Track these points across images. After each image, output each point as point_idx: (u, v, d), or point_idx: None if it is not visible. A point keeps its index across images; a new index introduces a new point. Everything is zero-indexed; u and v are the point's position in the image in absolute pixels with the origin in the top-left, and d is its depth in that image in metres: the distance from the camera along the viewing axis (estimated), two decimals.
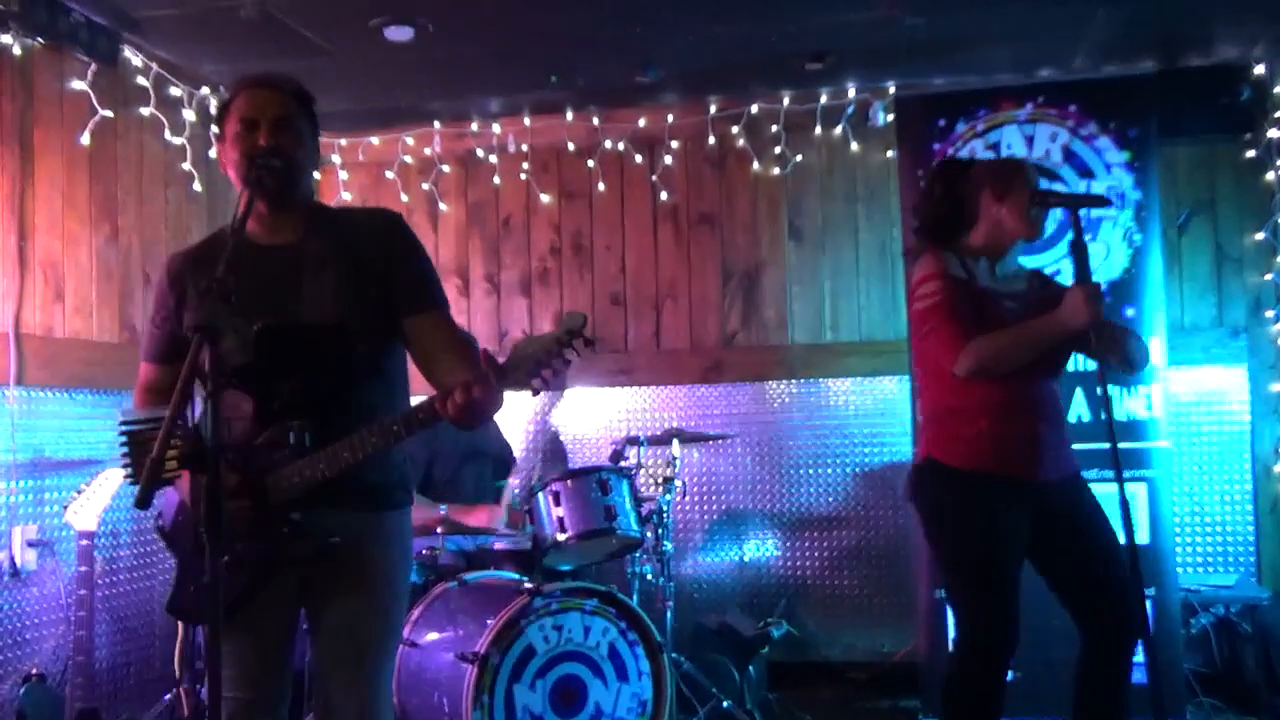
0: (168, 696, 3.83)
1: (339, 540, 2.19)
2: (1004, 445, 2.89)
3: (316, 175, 2.53)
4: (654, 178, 5.26)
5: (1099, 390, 2.80)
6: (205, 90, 4.64)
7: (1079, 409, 4.16)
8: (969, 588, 2.94)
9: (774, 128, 5.09)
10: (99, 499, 3.55)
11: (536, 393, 2.08)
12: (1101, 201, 3.06)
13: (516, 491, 4.01)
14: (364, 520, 2.29)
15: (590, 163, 5.27)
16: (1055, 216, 3.74)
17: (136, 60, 4.29)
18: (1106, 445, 2.69)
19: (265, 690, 2.30)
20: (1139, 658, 2.91)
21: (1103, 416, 2.80)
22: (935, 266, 2.95)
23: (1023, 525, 2.91)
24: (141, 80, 4.33)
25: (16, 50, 3.75)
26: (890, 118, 4.84)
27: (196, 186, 4.63)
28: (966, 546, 2.94)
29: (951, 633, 4.10)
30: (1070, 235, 2.83)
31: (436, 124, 5.33)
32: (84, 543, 3.54)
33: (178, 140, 4.53)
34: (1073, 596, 2.94)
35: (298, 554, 2.20)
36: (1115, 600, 2.84)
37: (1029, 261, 4.31)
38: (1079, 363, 3.82)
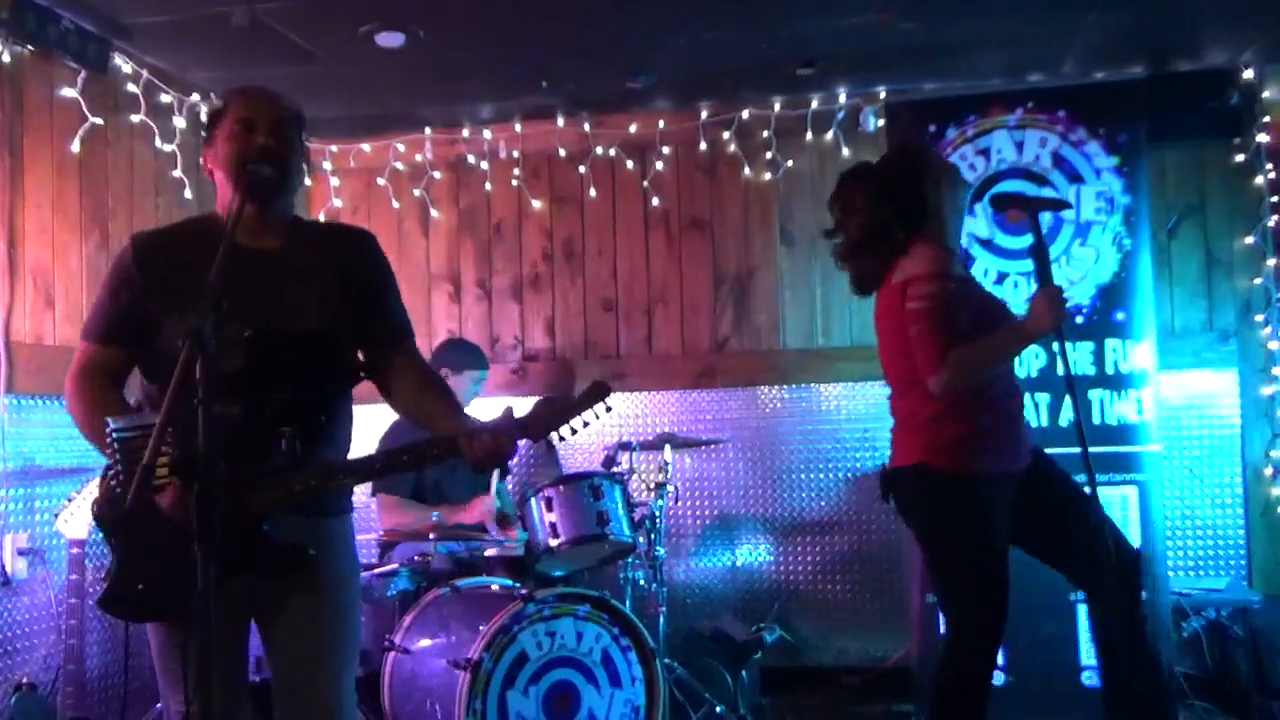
0: (158, 705, 3.81)
1: (315, 553, 2.18)
2: (999, 439, 2.87)
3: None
4: (645, 183, 5.26)
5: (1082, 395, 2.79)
6: (195, 97, 4.64)
7: (1066, 413, 4.16)
8: (972, 594, 2.88)
9: (765, 133, 5.10)
10: (90, 507, 3.53)
11: (551, 446, 2.22)
12: (1060, 205, 3.06)
13: (508, 485, 4.01)
14: (313, 525, 2.27)
15: (581, 168, 5.27)
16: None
17: (127, 67, 4.28)
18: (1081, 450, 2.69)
19: (221, 700, 2.19)
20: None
21: (1080, 421, 2.79)
22: (935, 265, 2.81)
23: (1009, 518, 2.90)
24: (132, 87, 4.32)
25: (6, 58, 3.74)
26: (881, 123, 4.86)
27: (187, 194, 4.61)
28: (972, 554, 2.87)
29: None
30: (1031, 239, 2.79)
31: (428, 130, 5.32)
32: (75, 551, 3.52)
33: (168, 147, 4.52)
34: (1064, 554, 2.91)
35: (265, 562, 2.17)
36: (1104, 537, 2.73)
37: (995, 266, 4.35)
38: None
